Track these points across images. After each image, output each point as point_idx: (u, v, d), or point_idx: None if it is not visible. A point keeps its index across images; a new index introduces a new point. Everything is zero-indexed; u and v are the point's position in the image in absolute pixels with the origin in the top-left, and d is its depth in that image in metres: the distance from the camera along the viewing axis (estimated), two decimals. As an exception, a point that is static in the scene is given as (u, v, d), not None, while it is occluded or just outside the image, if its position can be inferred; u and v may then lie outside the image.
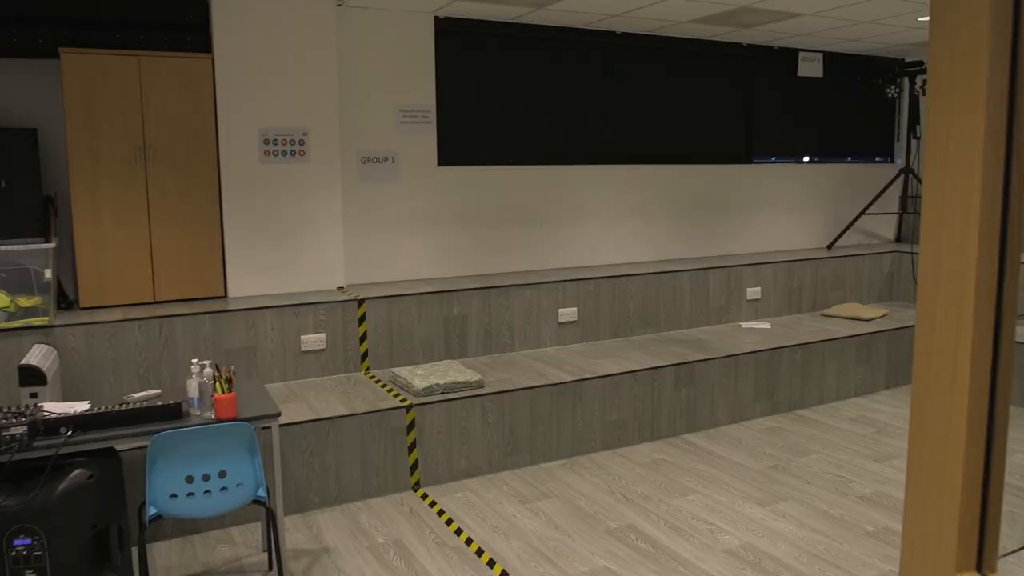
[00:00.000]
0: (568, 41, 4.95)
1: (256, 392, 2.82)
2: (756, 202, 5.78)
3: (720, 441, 4.14)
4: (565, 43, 4.94)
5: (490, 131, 4.78)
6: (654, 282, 4.87)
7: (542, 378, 3.92)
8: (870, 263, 5.78)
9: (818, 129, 6.07)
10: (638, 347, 4.56)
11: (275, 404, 2.69)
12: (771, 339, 4.71)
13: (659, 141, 5.36)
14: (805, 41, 5.52)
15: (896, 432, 4.23)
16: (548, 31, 4.84)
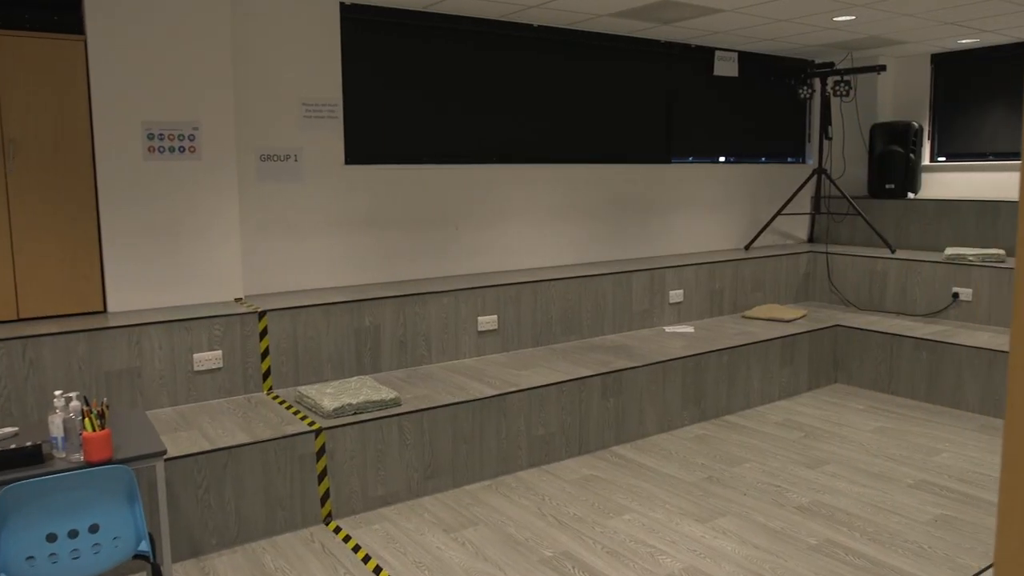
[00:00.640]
0: (484, 33, 4.69)
1: (138, 425, 2.44)
2: (676, 203, 5.67)
3: (650, 452, 3.96)
4: (481, 36, 4.68)
5: (402, 128, 4.47)
6: (576, 286, 4.67)
7: (463, 393, 3.65)
8: (787, 264, 5.75)
9: (733, 129, 6.02)
10: (562, 355, 4.34)
11: (160, 439, 2.32)
12: (696, 343, 4.57)
13: (578, 140, 5.17)
14: (721, 40, 5.44)
15: (823, 436, 4.15)
16: (463, 22, 4.57)
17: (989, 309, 4.92)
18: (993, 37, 5.40)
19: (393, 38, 4.38)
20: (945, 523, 3.13)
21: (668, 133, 5.63)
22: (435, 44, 4.53)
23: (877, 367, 4.89)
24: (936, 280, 5.16)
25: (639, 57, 5.39)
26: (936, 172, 6.20)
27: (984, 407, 4.41)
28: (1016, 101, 5.72)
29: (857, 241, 6.14)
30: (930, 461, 3.78)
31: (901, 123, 6.01)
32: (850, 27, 5.01)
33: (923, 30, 5.11)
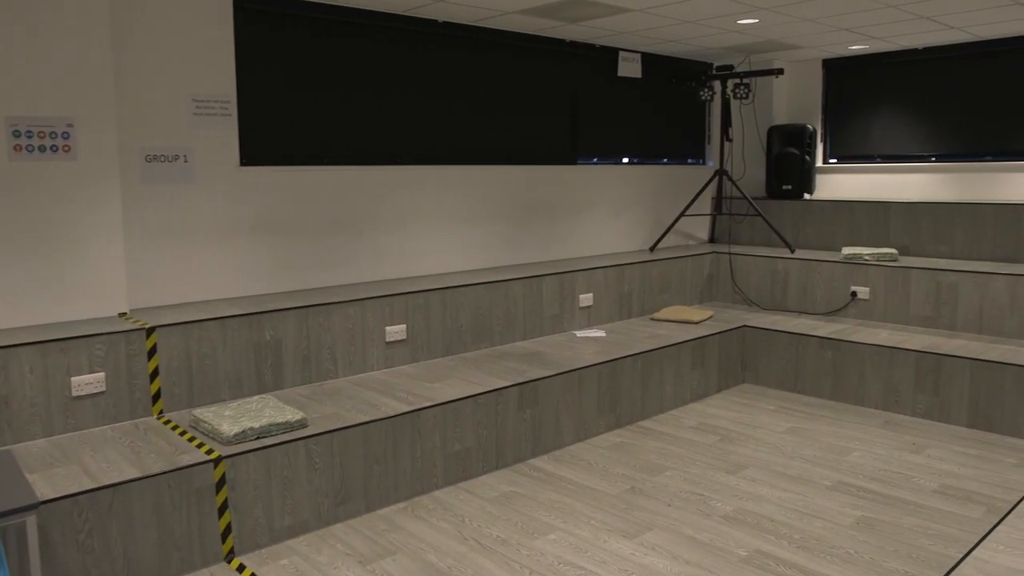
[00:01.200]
0: (388, 29, 4.45)
1: (2, 469, 2.11)
2: (582, 204, 5.59)
3: (569, 464, 3.84)
4: (385, 31, 4.45)
5: (302, 127, 4.18)
6: (486, 292, 4.51)
7: (374, 410, 3.42)
8: (692, 265, 5.78)
9: (637, 130, 6.00)
10: (474, 365, 4.17)
11: (30, 487, 2.00)
12: (609, 348, 4.50)
13: (484, 141, 5.01)
14: (626, 40, 5.40)
15: (739, 439, 4.15)
16: (366, 16, 4.32)
17: (885, 307, 5.08)
18: (882, 44, 5.58)
19: (291, 31, 4.09)
20: (867, 525, 3.14)
21: (573, 134, 5.55)
22: (337, 39, 4.26)
23: (784, 366, 4.97)
24: (835, 279, 5.29)
25: (545, 57, 5.28)
26: (829, 174, 6.39)
27: (886, 403, 4.53)
28: (901, 106, 5.95)
29: (756, 241, 6.25)
30: (843, 461, 3.83)
31: (796, 126, 6.15)
32: (752, 30, 5.05)
33: (819, 35, 5.22)
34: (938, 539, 3.02)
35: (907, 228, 5.45)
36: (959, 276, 4.75)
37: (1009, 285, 4.57)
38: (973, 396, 4.20)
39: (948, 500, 3.37)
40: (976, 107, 5.60)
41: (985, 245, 5.11)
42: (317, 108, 4.22)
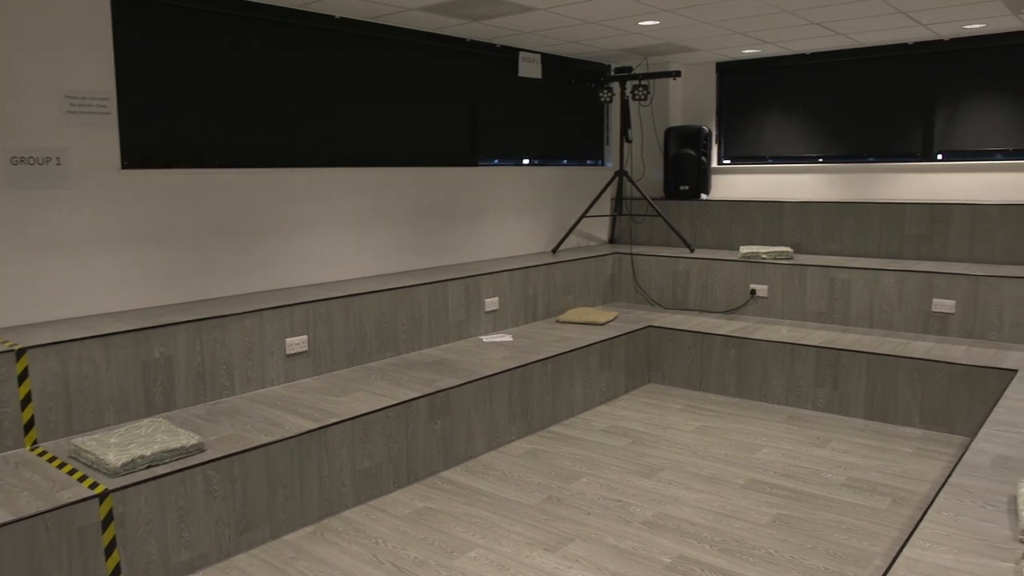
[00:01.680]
0: (283, 24, 4.20)
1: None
2: (484, 206, 5.48)
3: (483, 475, 3.72)
4: (280, 26, 4.19)
5: (190, 127, 3.88)
6: (390, 299, 4.33)
7: (277, 428, 3.19)
8: (595, 266, 5.77)
9: (537, 131, 5.95)
10: (380, 375, 3.99)
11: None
12: (518, 353, 4.41)
13: (383, 142, 4.82)
14: (526, 40, 5.33)
15: (650, 440, 4.15)
16: (259, 10, 4.06)
17: (783, 304, 5.21)
18: (773, 48, 5.74)
19: (178, 25, 3.78)
20: (783, 523, 3.17)
21: (474, 135, 5.43)
22: (228, 34, 3.98)
23: (689, 365, 5.01)
24: (734, 278, 5.40)
25: (445, 56, 5.14)
26: (724, 174, 6.53)
27: (788, 399, 4.64)
28: (790, 109, 6.14)
29: (656, 241, 6.32)
30: (753, 458, 3.88)
31: (692, 127, 6.25)
32: (652, 32, 5.08)
33: (715, 38, 5.30)
34: (852, 533, 3.07)
35: (799, 227, 5.62)
36: (851, 273, 4.93)
37: (897, 280, 4.76)
38: (869, 389, 4.35)
39: (856, 493, 3.46)
40: (860, 110, 5.84)
41: (871, 242, 5.32)
42: (206, 107, 3.93)
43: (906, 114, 5.64)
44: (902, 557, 2.11)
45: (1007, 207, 4.83)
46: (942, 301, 4.61)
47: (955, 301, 4.57)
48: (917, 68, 5.56)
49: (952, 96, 5.44)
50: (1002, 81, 5.24)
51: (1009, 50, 5.20)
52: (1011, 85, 5.21)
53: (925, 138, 5.57)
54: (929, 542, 2.18)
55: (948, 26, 4.94)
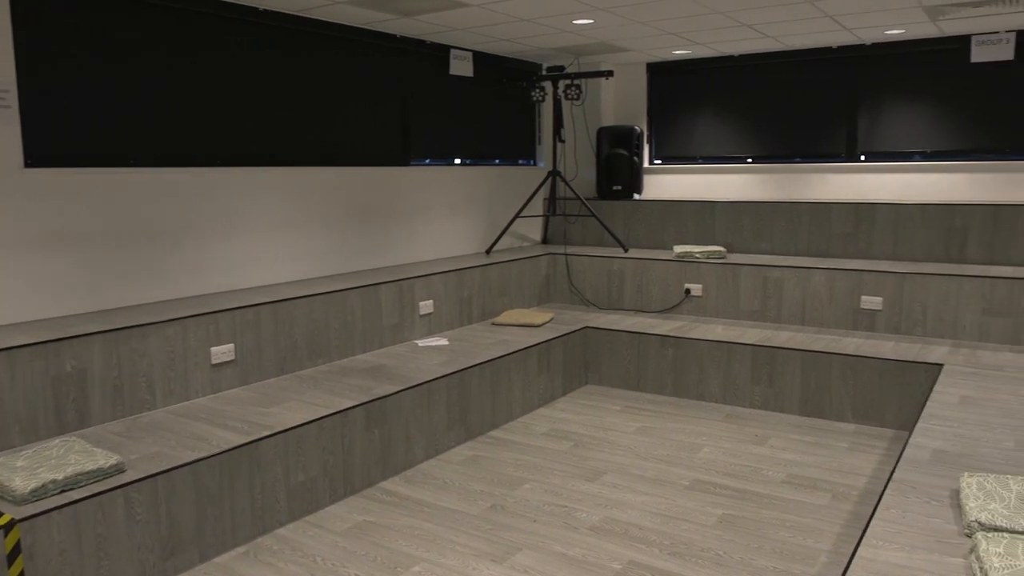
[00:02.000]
0: (203, 15, 3.98)
1: None
2: (416, 207, 5.35)
3: (423, 484, 3.60)
4: (200, 17, 3.97)
5: (103, 123, 3.62)
6: (322, 304, 4.16)
7: (204, 444, 3.00)
8: (529, 267, 5.70)
9: (469, 131, 5.84)
10: (312, 384, 3.82)
11: None
12: (456, 357, 4.29)
13: (311, 141, 4.63)
14: (458, 37, 5.22)
15: (591, 443, 4.09)
16: (179, 0, 3.84)
17: (717, 303, 5.25)
18: (704, 50, 5.78)
19: (87, 12, 3.53)
20: (729, 523, 3.15)
21: (405, 134, 5.29)
22: (144, 25, 3.74)
23: (626, 366, 4.99)
24: (669, 277, 5.41)
25: (374, 53, 4.99)
26: (656, 174, 6.56)
27: (726, 397, 4.66)
28: (719, 110, 6.21)
29: (589, 241, 6.30)
30: (695, 458, 3.86)
31: (624, 127, 6.25)
32: (586, 31, 5.04)
33: (647, 39, 5.30)
34: (797, 531, 3.08)
35: (731, 226, 5.68)
36: (783, 272, 4.99)
37: (827, 279, 4.85)
38: (804, 385, 4.41)
39: (797, 490, 3.47)
40: (787, 112, 5.94)
41: (801, 241, 5.42)
42: (121, 102, 3.69)
43: (831, 116, 5.76)
44: (857, 557, 2.10)
45: (927, 207, 4.98)
46: (870, 298, 4.71)
47: (882, 298, 4.67)
48: (841, 71, 5.69)
49: (874, 99, 5.58)
50: (920, 85, 5.41)
51: (927, 55, 5.37)
52: (928, 89, 5.38)
53: (849, 139, 5.70)
54: (881, 540, 2.17)
55: (871, 31, 5.06)
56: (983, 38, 5.09)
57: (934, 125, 5.39)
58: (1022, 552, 1.99)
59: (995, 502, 2.29)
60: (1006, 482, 2.41)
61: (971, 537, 2.18)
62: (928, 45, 5.33)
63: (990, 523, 2.17)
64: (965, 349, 4.30)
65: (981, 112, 5.24)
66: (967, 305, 4.45)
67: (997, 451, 2.81)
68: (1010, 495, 2.34)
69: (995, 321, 4.39)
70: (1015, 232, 4.73)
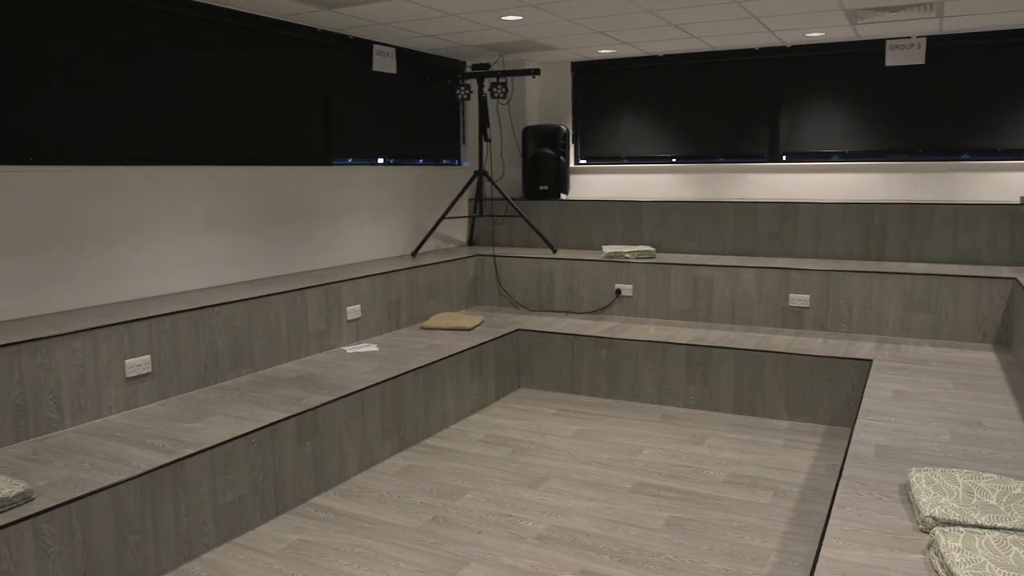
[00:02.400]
0: (110, 4, 3.70)
1: None
2: (341, 208, 5.15)
3: (359, 498, 3.43)
4: (106, 6, 3.68)
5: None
6: (245, 311, 3.93)
7: (122, 466, 2.77)
8: (457, 269, 5.58)
9: (392, 129, 5.67)
10: (237, 395, 3.60)
11: None
12: (387, 364, 4.14)
13: (230, 138, 4.39)
14: (381, 32, 5.05)
15: (530, 448, 4.01)
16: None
17: (648, 303, 5.25)
18: (629, 49, 5.79)
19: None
20: (676, 526, 3.12)
21: (327, 132, 5.09)
22: (44, 11, 3.44)
23: (560, 368, 4.93)
24: (599, 278, 5.38)
25: (295, 46, 4.77)
26: (581, 174, 6.54)
27: (660, 397, 4.65)
28: (643, 110, 6.23)
29: (516, 242, 6.22)
30: (636, 461, 3.82)
31: (551, 127, 6.20)
32: (513, 28, 4.95)
33: (574, 37, 5.26)
34: (744, 531, 3.07)
35: (658, 226, 5.70)
36: (713, 271, 5.03)
37: (756, 277, 4.91)
38: (738, 384, 4.44)
39: (739, 489, 3.47)
40: (710, 112, 6.01)
41: (727, 240, 5.48)
42: (16, 94, 3.38)
43: (754, 117, 5.86)
44: (821, 559, 2.07)
45: (848, 205, 5.11)
46: (798, 296, 4.79)
47: (809, 296, 4.76)
48: (763, 73, 5.79)
49: (794, 101, 5.71)
50: (838, 88, 5.55)
51: (844, 59, 5.52)
52: (846, 91, 5.53)
53: (771, 140, 5.81)
54: (841, 540, 2.16)
55: (792, 33, 5.15)
56: (896, 42, 5.27)
57: (851, 126, 5.55)
58: (979, 545, 2.00)
59: (945, 496, 2.31)
60: (952, 476, 2.45)
61: (928, 532, 2.19)
62: (845, 48, 5.48)
63: (944, 518, 2.18)
64: (890, 344, 4.42)
65: (895, 114, 5.42)
66: (889, 301, 4.58)
67: (936, 444, 2.86)
68: (958, 488, 2.37)
69: (916, 316, 4.53)
70: (929, 230, 4.90)
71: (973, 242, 4.81)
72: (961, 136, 5.27)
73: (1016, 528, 2.12)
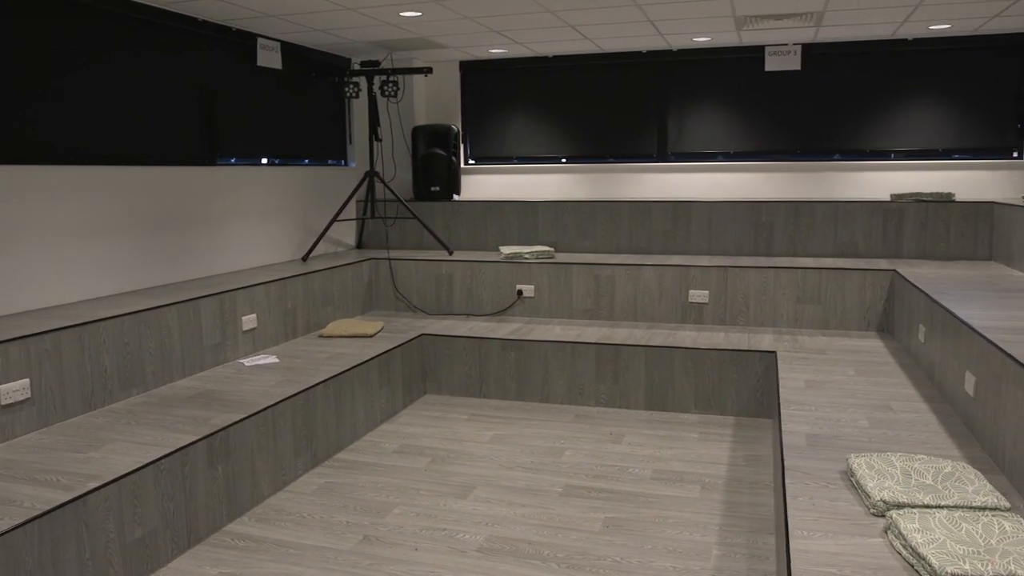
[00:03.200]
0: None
1: None
2: (228, 211, 4.81)
3: (278, 522, 3.20)
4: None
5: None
6: (134, 325, 3.58)
7: (13, 507, 2.43)
8: (352, 273, 5.36)
9: (277, 128, 5.37)
10: (131, 419, 3.27)
11: None
12: (294, 376, 3.89)
13: (106, 135, 3.99)
14: (265, 25, 4.77)
15: (449, 457, 3.88)
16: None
17: (550, 303, 5.24)
18: (521, 49, 5.76)
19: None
20: (615, 527, 3.09)
21: (211, 130, 4.74)
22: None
23: (467, 372, 4.83)
24: (500, 279, 5.32)
25: (174, 37, 4.41)
26: (472, 175, 6.46)
27: (571, 398, 4.65)
28: (533, 110, 6.23)
29: (408, 245, 6.06)
30: (560, 463, 3.79)
31: (441, 126, 6.08)
32: (408, 25, 4.80)
33: (469, 35, 5.17)
34: (681, 527, 3.09)
35: (554, 226, 5.71)
36: (614, 269, 5.08)
37: (657, 274, 5.00)
38: (648, 380, 4.50)
39: (667, 485, 3.50)
40: (600, 113, 6.09)
41: (623, 239, 5.56)
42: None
43: (643, 118, 5.99)
44: (793, 551, 2.10)
45: (737, 204, 5.31)
46: (698, 292, 4.92)
47: (708, 291, 4.91)
48: (650, 75, 5.93)
49: (681, 103, 5.88)
50: (722, 91, 5.77)
51: (727, 63, 5.74)
52: (730, 94, 5.75)
53: (660, 140, 5.96)
54: (804, 530, 2.20)
55: (680, 37, 5.30)
56: (775, 49, 5.53)
57: (735, 128, 5.78)
58: (935, 524, 2.08)
59: (888, 480, 2.40)
60: (889, 459, 2.55)
61: (881, 516, 2.27)
62: (729, 53, 5.70)
63: (894, 500, 2.27)
64: (787, 336, 4.62)
65: (775, 117, 5.69)
66: (783, 295, 4.79)
67: (858, 430, 2.99)
68: (896, 471, 2.47)
69: (807, 308, 4.77)
70: (812, 226, 5.17)
71: (851, 236, 5.12)
72: (833, 138, 5.61)
73: (958, 505, 2.23)
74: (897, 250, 5.05)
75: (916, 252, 5.03)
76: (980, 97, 5.33)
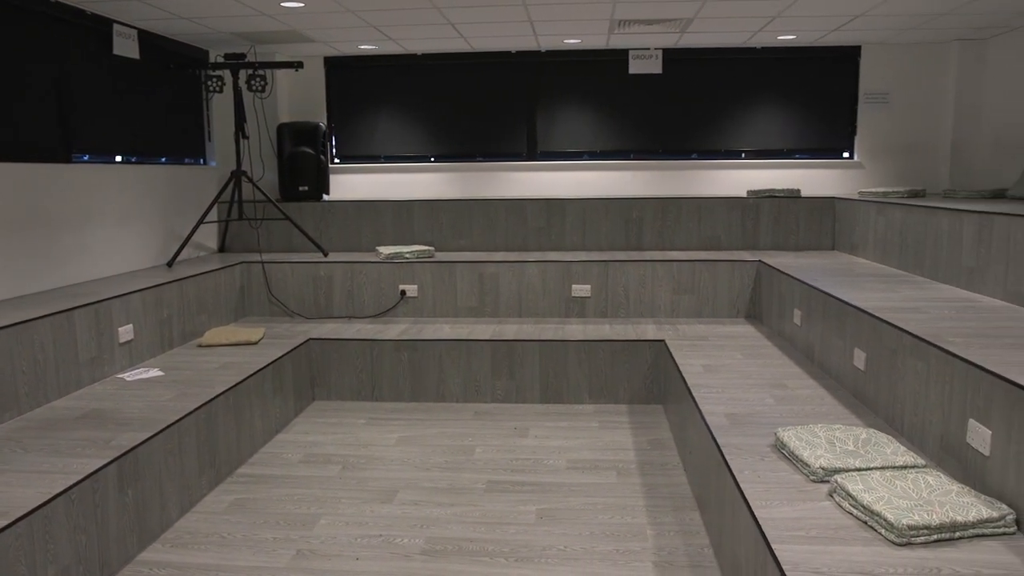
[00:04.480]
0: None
1: None
2: (86, 213, 4.39)
3: (196, 546, 2.97)
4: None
5: None
6: (4, 341, 3.19)
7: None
8: (224, 278, 5.05)
9: (134, 123, 4.96)
10: (15, 446, 2.92)
11: None
12: (188, 388, 3.63)
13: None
14: (122, 11, 4.39)
15: (360, 463, 3.78)
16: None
17: (435, 302, 5.21)
18: (392, 46, 5.68)
19: None
20: (549, 517, 3.16)
21: (65, 122, 4.30)
22: None
23: (359, 376, 4.70)
24: (381, 280, 5.22)
25: (25, 19, 3.95)
26: (340, 174, 6.28)
27: (467, 395, 4.65)
28: (401, 109, 6.16)
29: (277, 247, 5.80)
30: (475, 460, 3.79)
31: (309, 124, 5.87)
32: (281, 16, 4.60)
33: (341, 30, 5.04)
34: (611, 511, 3.20)
35: (430, 225, 5.68)
36: (498, 267, 5.14)
37: (540, 271, 5.12)
38: (543, 374, 4.60)
39: (584, 473, 3.61)
40: (470, 112, 6.12)
41: (499, 237, 5.64)
42: None
43: (512, 117, 6.09)
44: (761, 520, 2.25)
45: (610, 201, 5.55)
46: (580, 286, 5.09)
47: (590, 286, 5.09)
48: (519, 75, 6.04)
49: (549, 103, 6.04)
50: (589, 91, 5.99)
51: (594, 65, 5.97)
52: (596, 95, 5.99)
53: (529, 139, 6.09)
54: (761, 501, 2.36)
55: (552, 39, 5.45)
56: (638, 52, 5.82)
57: (601, 127, 6.02)
58: (875, 484, 2.32)
59: (819, 449, 2.63)
60: (812, 430, 2.79)
61: (822, 482, 2.48)
62: (595, 56, 5.93)
63: (831, 467, 2.49)
64: (667, 326, 4.89)
65: (639, 118, 5.99)
66: (660, 287, 5.06)
67: (767, 407, 3.24)
68: (821, 440, 2.71)
69: (683, 299, 5.07)
70: (679, 221, 5.51)
71: (713, 230, 5.51)
72: (691, 138, 6.00)
73: (884, 467, 2.49)
74: (755, 242, 5.49)
75: (771, 244, 5.49)
76: (819, 102, 5.90)
